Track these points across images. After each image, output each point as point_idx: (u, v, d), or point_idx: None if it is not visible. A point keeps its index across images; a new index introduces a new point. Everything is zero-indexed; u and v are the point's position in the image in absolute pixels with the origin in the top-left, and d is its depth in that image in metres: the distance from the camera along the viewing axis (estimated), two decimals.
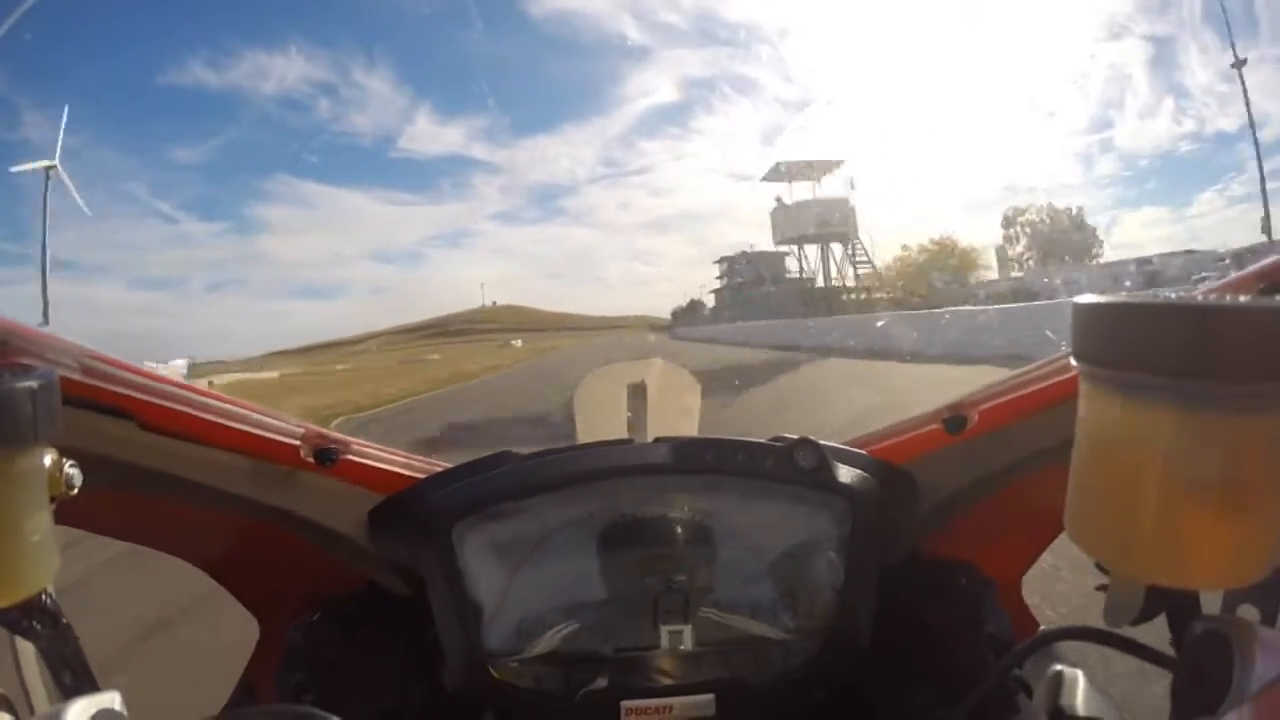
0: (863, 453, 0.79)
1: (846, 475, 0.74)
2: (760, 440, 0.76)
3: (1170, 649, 0.47)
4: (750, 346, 25.55)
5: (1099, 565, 0.45)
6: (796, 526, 0.75)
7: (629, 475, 0.75)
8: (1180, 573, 0.40)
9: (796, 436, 0.75)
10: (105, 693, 0.46)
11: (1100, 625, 0.48)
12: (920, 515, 0.80)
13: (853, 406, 8.38)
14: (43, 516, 0.45)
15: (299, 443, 0.73)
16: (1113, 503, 0.41)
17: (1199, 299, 0.37)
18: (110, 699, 0.45)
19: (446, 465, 0.81)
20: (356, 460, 0.76)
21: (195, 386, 0.69)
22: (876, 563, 0.74)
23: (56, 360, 0.57)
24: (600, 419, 0.94)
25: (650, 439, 0.79)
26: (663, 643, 0.73)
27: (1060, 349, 0.73)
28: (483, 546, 0.73)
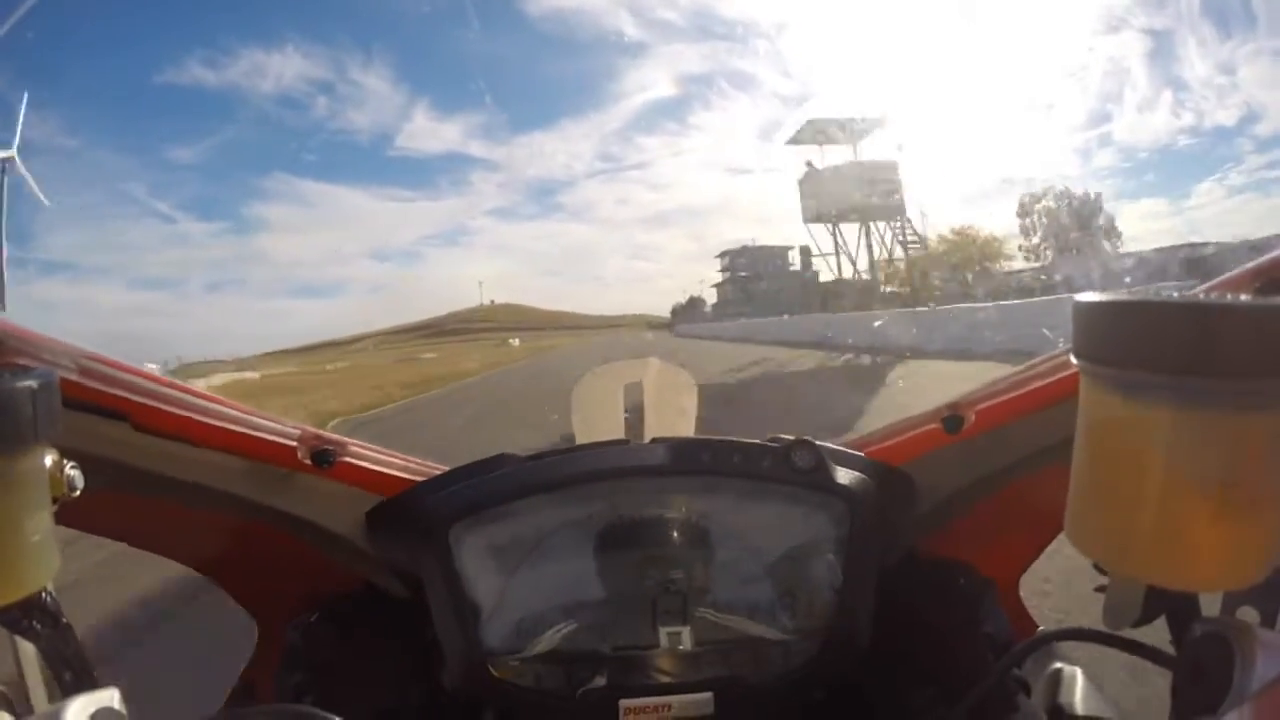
0: (860, 454, 0.79)
1: (844, 476, 0.74)
2: (758, 441, 0.76)
3: (1170, 650, 0.47)
4: (774, 344, 22.19)
5: (1098, 566, 0.45)
6: (794, 527, 0.75)
7: (627, 476, 0.75)
8: (1180, 574, 0.40)
9: (794, 436, 0.75)
10: (104, 690, 0.46)
11: (1100, 626, 0.48)
12: (918, 515, 0.80)
13: None
14: (43, 516, 0.45)
15: (296, 444, 0.73)
16: (1112, 502, 0.41)
17: (1199, 297, 0.37)
18: (109, 697, 0.45)
19: (444, 467, 0.81)
20: (354, 462, 0.76)
21: (193, 389, 0.69)
22: (875, 563, 0.74)
23: (54, 361, 0.57)
24: (597, 420, 0.94)
25: (647, 440, 0.79)
26: (661, 642, 0.73)
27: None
28: (481, 548, 0.73)
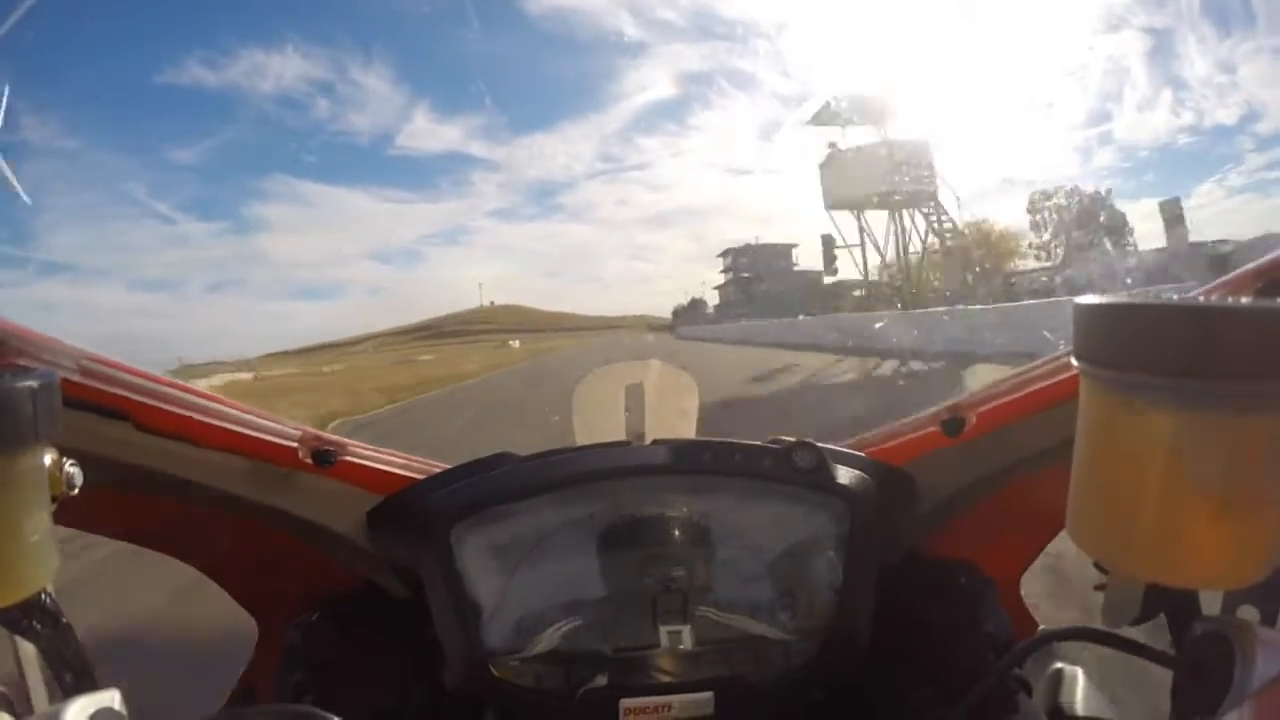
0: (861, 454, 0.79)
1: (845, 476, 0.74)
2: (758, 442, 0.76)
3: (1170, 649, 0.47)
4: (796, 349, 18.96)
5: (1098, 565, 0.45)
6: (795, 527, 0.75)
7: (627, 477, 0.76)
8: (1180, 572, 0.40)
9: (794, 438, 0.75)
10: (104, 691, 0.46)
11: (1100, 625, 0.48)
12: (919, 516, 0.80)
13: None
14: (43, 516, 0.45)
15: (297, 444, 0.73)
16: (1113, 502, 0.41)
17: (1199, 299, 0.37)
18: (109, 697, 0.45)
19: (445, 466, 0.81)
20: (354, 461, 0.76)
21: (194, 388, 0.69)
22: (875, 562, 0.74)
23: (55, 361, 0.57)
24: (598, 420, 0.94)
25: (648, 440, 0.79)
26: (662, 642, 0.73)
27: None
28: (481, 547, 0.73)
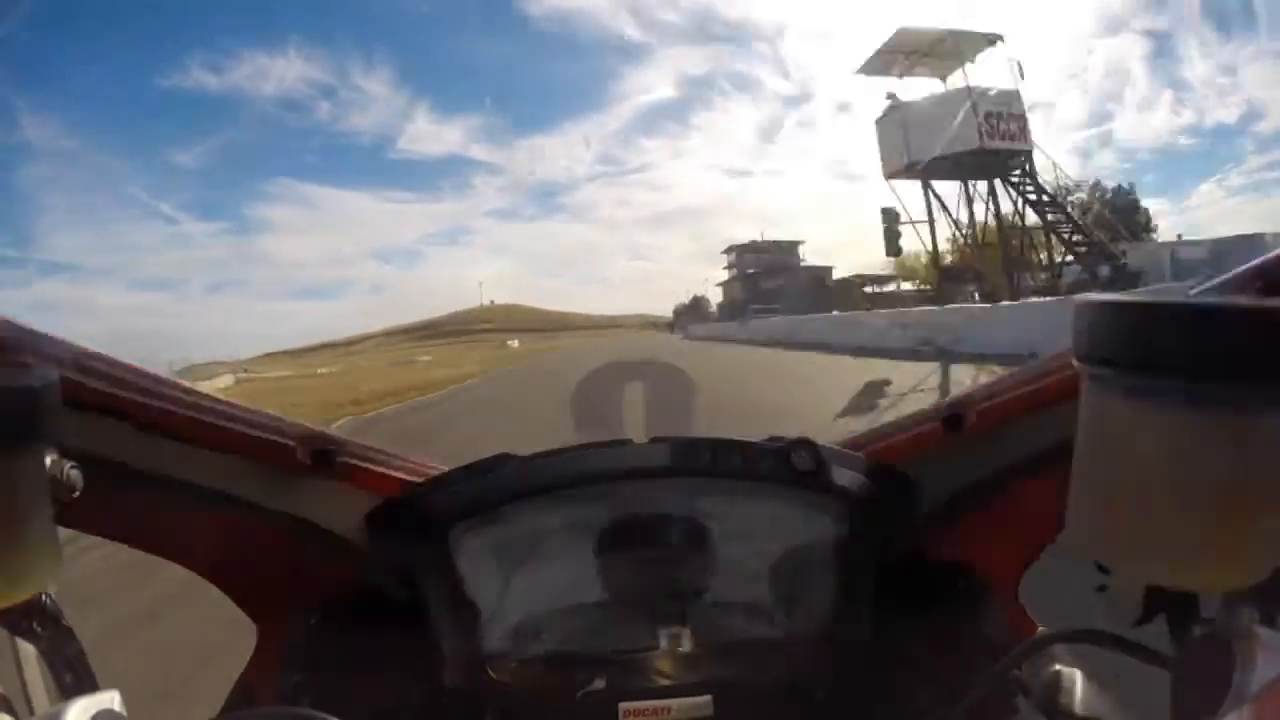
0: (859, 454, 0.79)
1: (843, 476, 0.74)
2: (757, 441, 0.76)
3: (1169, 651, 0.47)
4: (839, 352, 15.79)
5: (1099, 566, 0.45)
6: (794, 528, 0.75)
7: (627, 477, 0.75)
8: (1180, 574, 0.40)
9: (793, 437, 0.75)
10: (105, 692, 0.45)
11: (1099, 627, 0.48)
12: (917, 516, 0.80)
13: None
14: (44, 517, 0.45)
15: (296, 444, 0.73)
16: (1113, 503, 0.41)
17: (1199, 299, 0.37)
18: (110, 699, 0.45)
19: (444, 468, 0.81)
20: (354, 462, 0.76)
21: (194, 388, 0.69)
22: (874, 564, 0.74)
23: (55, 360, 0.57)
24: (598, 420, 0.94)
25: (648, 440, 0.79)
26: (661, 644, 0.73)
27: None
28: (481, 549, 0.73)
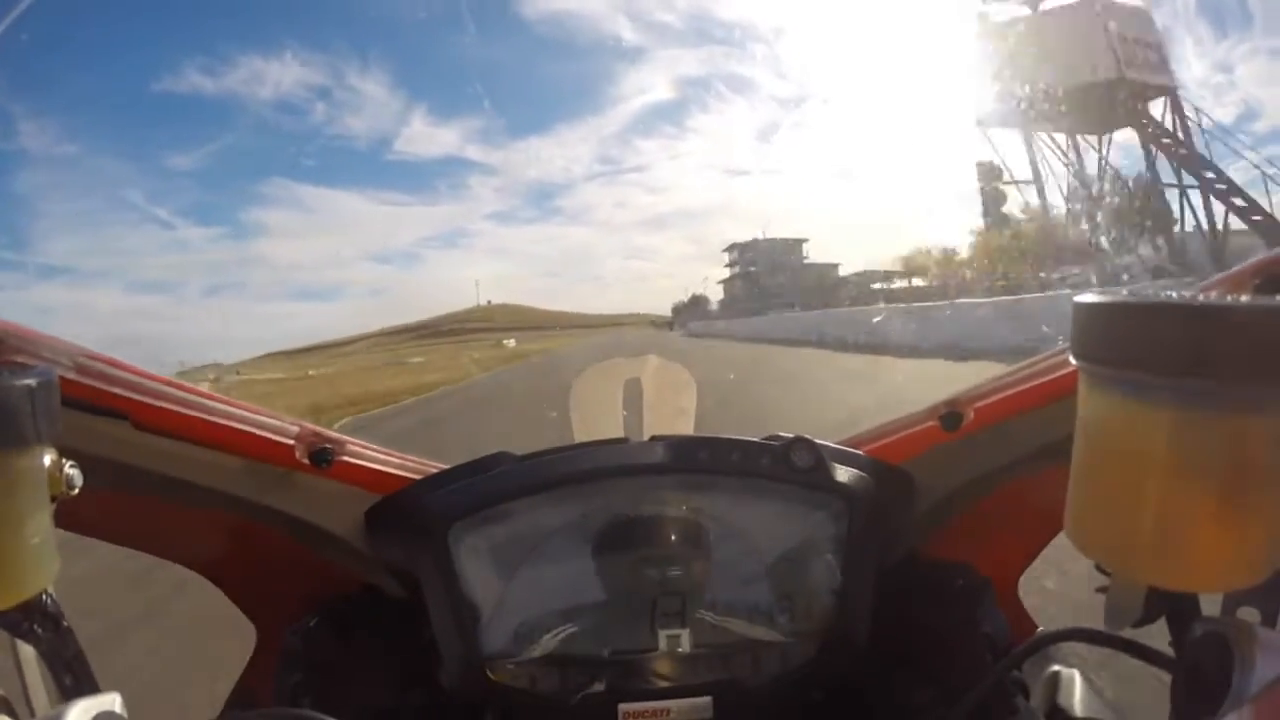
0: (859, 452, 0.79)
1: (843, 474, 0.74)
2: (756, 439, 0.76)
3: (1170, 651, 0.47)
4: (872, 352, 13.69)
5: (1099, 567, 0.44)
6: (793, 527, 0.75)
7: (626, 475, 0.75)
8: (1181, 575, 0.40)
9: (792, 435, 0.75)
10: (106, 694, 0.45)
11: (1099, 627, 0.48)
12: (917, 515, 0.79)
13: None
14: (43, 517, 0.45)
15: (294, 443, 0.72)
16: (1112, 504, 0.41)
17: (1199, 298, 0.37)
18: (110, 700, 0.45)
19: (442, 466, 0.81)
20: (352, 461, 0.76)
21: (193, 387, 0.69)
22: (874, 563, 0.74)
23: (54, 360, 0.57)
24: (596, 417, 0.94)
25: (646, 437, 0.79)
26: (660, 645, 0.73)
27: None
28: (479, 548, 0.73)
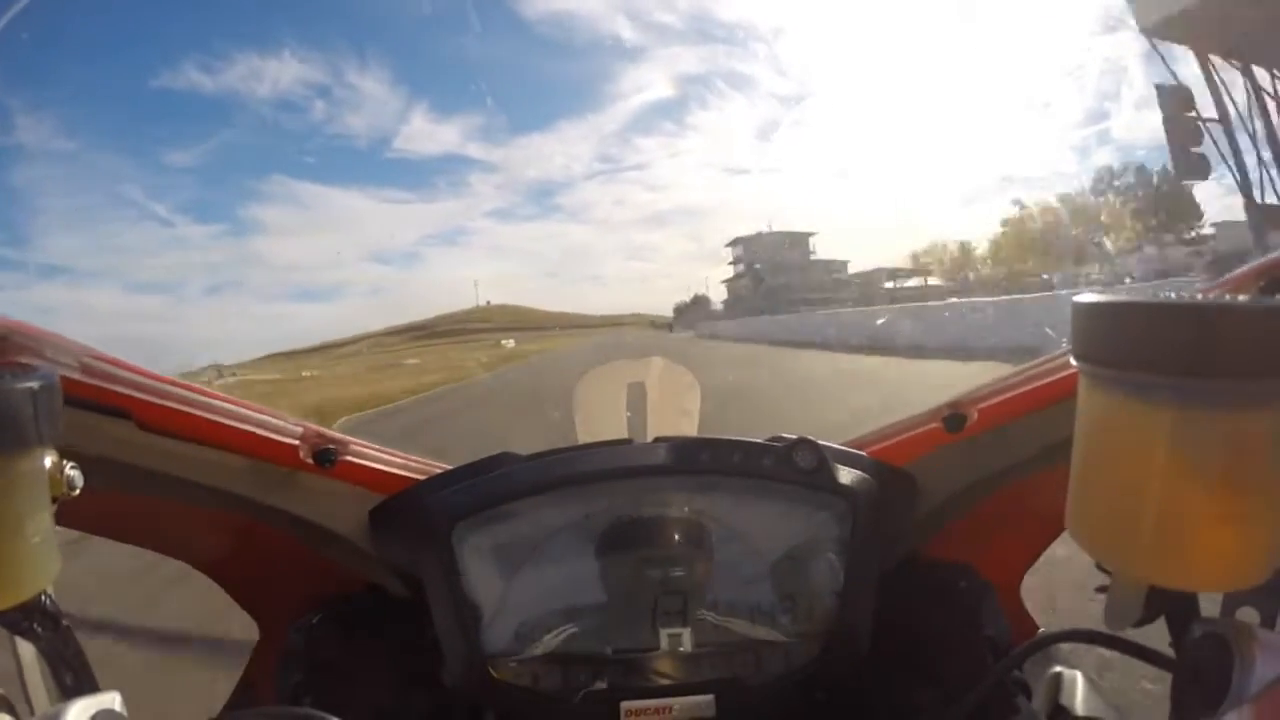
0: (862, 453, 0.79)
1: (845, 476, 0.74)
2: (759, 440, 0.76)
3: (1169, 651, 0.47)
4: (943, 356, 10.77)
5: (1100, 566, 0.45)
6: (796, 527, 0.75)
7: (629, 476, 0.75)
8: (1181, 574, 0.40)
9: (795, 436, 0.75)
10: (105, 693, 0.45)
11: (1100, 627, 0.48)
12: (919, 516, 0.80)
13: None
14: (43, 518, 0.45)
15: (298, 443, 0.73)
16: (1113, 503, 0.41)
17: (1199, 298, 0.37)
18: (110, 699, 0.45)
19: (446, 466, 0.81)
20: (356, 461, 0.76)
21: (195, 386, 0.69)
22: (876, 564, 0.74)
23: (56, 360, 0.57)
24: (600, 419, 0.94)
25: (650, 439, 0.79)
26: (662, 644, 0.73)
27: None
28: (482, 548, 0.73)
